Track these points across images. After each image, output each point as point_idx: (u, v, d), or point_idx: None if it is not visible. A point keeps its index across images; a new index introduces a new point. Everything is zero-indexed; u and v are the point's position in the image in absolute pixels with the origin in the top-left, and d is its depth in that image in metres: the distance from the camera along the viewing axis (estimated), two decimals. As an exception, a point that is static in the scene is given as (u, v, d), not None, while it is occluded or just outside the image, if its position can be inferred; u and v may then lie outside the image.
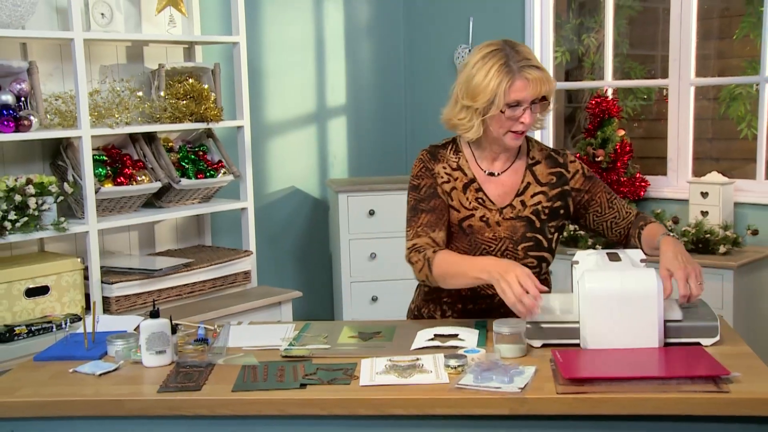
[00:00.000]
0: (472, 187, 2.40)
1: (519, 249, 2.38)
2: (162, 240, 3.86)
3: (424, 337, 2.22)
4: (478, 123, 2.30)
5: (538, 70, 2.26)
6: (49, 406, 1.94)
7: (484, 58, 2.28)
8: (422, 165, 2.43)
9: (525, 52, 2.29)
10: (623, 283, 2.02)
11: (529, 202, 2.40)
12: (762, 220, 3.78)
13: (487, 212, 2.38)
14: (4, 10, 3.02)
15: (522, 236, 2.38)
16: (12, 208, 3.05)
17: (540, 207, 2.40)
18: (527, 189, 2.41)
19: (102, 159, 3.44)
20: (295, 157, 4.44)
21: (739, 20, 4.54)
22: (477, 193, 2.40)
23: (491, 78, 2.24)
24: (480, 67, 2.27)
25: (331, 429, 1.91)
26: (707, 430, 1.83)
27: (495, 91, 2.23)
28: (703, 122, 4.54)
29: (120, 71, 3.63)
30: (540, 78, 2.25)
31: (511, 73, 2.23)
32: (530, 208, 2.39)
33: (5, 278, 3.06)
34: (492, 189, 2.41)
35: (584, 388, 1.83)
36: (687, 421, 1.82)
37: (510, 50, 2.27)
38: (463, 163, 2.42)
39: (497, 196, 2.40)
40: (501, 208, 2.39)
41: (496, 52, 2.27)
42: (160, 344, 2.10)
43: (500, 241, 2.37)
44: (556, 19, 4.49)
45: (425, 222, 2.36)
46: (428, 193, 2.39)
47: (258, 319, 3.58)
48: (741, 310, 3.55)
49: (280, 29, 4.33)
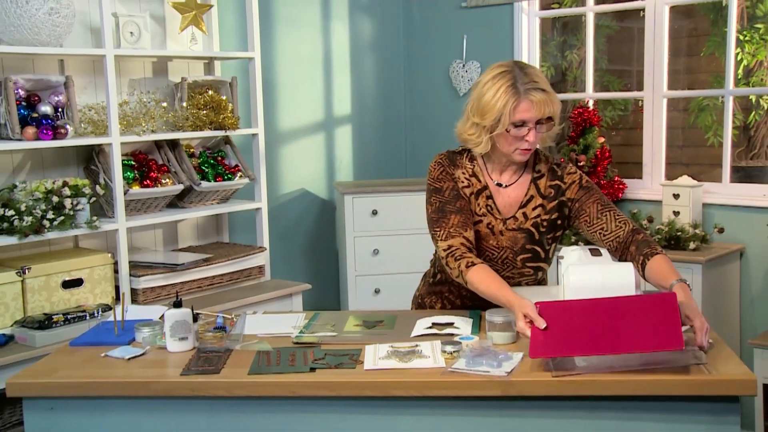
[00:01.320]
0: (483, 195, 2.34)
1: (518, 260, 2.33)
2: (184, 237, 3.86)
3: (423, 326, 2.21)
4: (486, 139, 2.25)
5: (543, 93, 2.18)
6: (83, 387, 1.95)
7: (494, 78, 2.21)
8: (442, 168, 2.36)
9: (533, 74, 2.21)
10: (604, 275, 2.02)
11: (531, 215, 2.34)
12: (727, 220, 3.78)
13: (494, 220, 2.33)
14: (45, 30, 3.02)
15: (522, 248, 2.33)
16: (50, 208, 3.05)
17: (539, 220, 2.33)
18: (530, 202, 2.35)
19: (130, 164, 3.44)
20: (304, 161, 4.44)
21: (705, 40, 4.55)
22: (488, 201, 2.34)
23: (498, 98, 2.18)
24: (490, 87, 2.21)
25: (338, 409, 1.91)
26: (681, 409, 1.83)
27: (501, 110, 2.17)
28: (674, 131, 4.52)
29: (146, 84, 3.63)
30: (544, 100, 2.18)
31: (517, 95, 2.17)
32: (531, 221, 2.33)
33: (44, 271, 3.06)
34: (500, 199, 2.35)
35: (569, 372, 1.83)
36: (663, 401, 1.82)
37: (519, 72, 2.20)
38: (477, 171, 2.36)
39: (503, 206, 2.34)
40: (505, 219, 2.33)
41: (506, 74, 2.20)
42: (182, 331, 2.10)
43: (502, 250, 2.33)
44: (541, 37, 4.49)
45: (456, 223, 2.27)
46: (453, 195, 2.32)
47: (271, 309, 3.58)
48: (709, 300, 3.54)
49: (291, 46, 4.32)
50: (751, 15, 4.37)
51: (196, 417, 1.94)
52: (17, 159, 3.26)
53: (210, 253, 3.62)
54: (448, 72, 4.70)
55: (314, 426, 1.92)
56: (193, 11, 3.61)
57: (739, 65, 4.26)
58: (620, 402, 1.83)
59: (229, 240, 4.01)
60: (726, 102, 3.87)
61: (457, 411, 1.88)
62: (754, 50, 4.37)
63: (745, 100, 4.50)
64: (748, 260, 3.75)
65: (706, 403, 1.81)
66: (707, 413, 1.81)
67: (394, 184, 4.24)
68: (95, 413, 1.96)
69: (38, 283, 3.04)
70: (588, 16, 4.28)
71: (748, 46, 4.36)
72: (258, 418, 1.93)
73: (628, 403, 1.83)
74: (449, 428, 1.89)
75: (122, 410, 1.96)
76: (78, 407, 1.97)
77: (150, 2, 3.63)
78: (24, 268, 2.99)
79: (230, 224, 4.04)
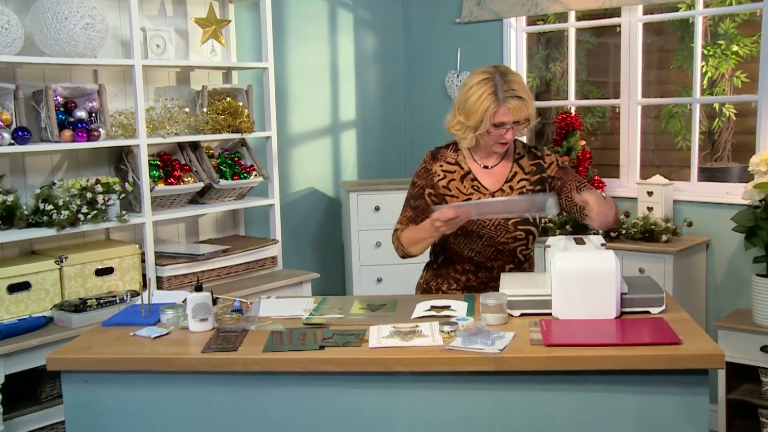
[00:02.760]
0: (468, 178, 2.42)
1: (509, 224, 2.39)
2: (204, 230, 3.84)
3: (422, 308, 2.20)
4: (471, 136, 2.34)
5: (520, 100, 2.26)
6: (114, 362, 1.95)
7: (479, 84, 2.28)
8: (423, 165, 2.47)
9: (512, 81, 2.28)
10: (587, 262, 2.01)
11: (516, 186, 2.42)
12: (695, 214, 3.77)
13: (482, 196, 2.40)
14: (81, 43, 3.01)
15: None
16: (84, 204, 3.04)
17: (525, 189, 2.42)
18: (514, 177, 2.43)
19: (156, 163, 3.42)
20: (313, 162, 4.42)
21: (674, 54, 4.56)
22: (472, 182, 2.42)
23: (482, 103, 2.26)
24: (474, 91, 2.28)
25: (345, 383, 1.90)
26: (658, 382, 1.81)
27: (483, 114, 2.26)
28: (647, 135, 4.51)
29: (171, 91, 3.61)
30: (520, 106, 2.26)
31: (497, 101, 2.25)
32: (517, 191, 2.42)
33: (79, 260, 3.05)
34: (486, 178, 2.43)
35: (556, 349, 1.81)
36: (641, 375, 1.81)
37: (499, 79, 2.27)
38: (460, 159, 2.44)
39: (490, 183, 2.43)
40: (493, 192, 2.41)
41: (488, 80, 2.28)
42: (203, 313, 2.09)
43: (494, 219, 2.38)
44: (528, 51, 4.47)
45: (409, 216, 2.43)
46: (418, 193, 2.44)
47: (283, 294, 3.56)
48: (679, 286, 3.53)
49: (301, 57, 4.30)
50: (713, 32, 4.41)
51: (215, 390, 1.93)
52: (56, 159, 3.25)
53: (228, 245, 3.60)
54: (443, 81, 4.68)
55: (323, 398, 1.91)
56: (213, 26, 3.60)
57: (704, 77, 4.25)
58: (602, 376, 1.82)
59: (245, 233, 3.99)
60: (693, 109, 3.86)
61: (454, 385, 1.87)
62: (716, 63, 4.40)
63: (710, 108, 4.51)
64: (713, 251, 3.74)
65: (679, 376, 1.80)
66: (681, 385, 1.80)
67: (395, 183, 4.22)
68: (124, 386, 1.96)
69: (74, 271, 3.03)
70: (570, 32, 4.26)
71: (712, 59, 4.39)
72: (271, 391, 1.92)
73: (609, 377, 1.82)
74: (447, 400, 1.87)
75: (148, 383, 1.95)
76: (109, 380, 1.96)
77: (174, 18, 3.62)
78: (62, 257, 2.99)
79: (246, 219, 4.02)
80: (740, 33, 4.36)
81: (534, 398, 1.84)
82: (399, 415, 1.88)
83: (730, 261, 3.70)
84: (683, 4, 4.02)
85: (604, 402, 1.82)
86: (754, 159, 3.35)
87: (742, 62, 4.37)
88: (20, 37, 2.89)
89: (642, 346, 1.81)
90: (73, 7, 2.96)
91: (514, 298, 2.08)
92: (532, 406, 1.84)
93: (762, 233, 3.25)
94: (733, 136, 4.57)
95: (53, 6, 2.95)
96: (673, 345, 1.81)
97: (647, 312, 2.06)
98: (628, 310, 2.05)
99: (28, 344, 2.71)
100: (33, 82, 3.14)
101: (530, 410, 1.84)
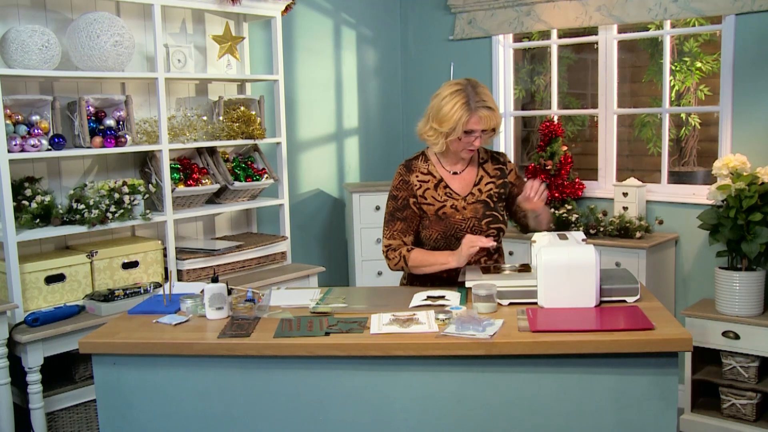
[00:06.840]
0: (441, 185, 2.39)
1: (483, 224, 2.37)
2: (220, 228, 3.82)
3: (419, 298, 2.18)
4: (442, 142, 2.30)
5: (490, 110, 2.24)
6: (139, 347, 1.93)
7: (452, 94, 2.25)
8: (400, 178, 2.40)
9: (482, 93, 2.26)
10: (570, 256, 1.99)
11: (485, 189, 2.40)
12: (666, 213, 3.76)
13: (455, 201, 2.37)
14: (110, 58, 3.01)
15: (483, 214, 2.37)
16: (112, 203, 3.03)
17: (492, 192, 2.41)
18: (481, 180, 2.41)
19: (176, 167, 3.41)
20: (319, 165, 4.40)
21: (645, 69, 4.56)
22: (445, 189, 2.38)
23: (455, 112, 2.23)
24: (448, 101, 2.25)
25: (349, 366, 1.89)
26: (632, 364, 1.81)
27: (456, 122, 2.23)
28: (622, 142, 4.50)
29: (190, 102, 3.59)
30: (490, 116, 2.24)
31: (469, 111, 2.22)
32: (485, 194, 2.40)
33: (108, 255, 3.04)
34: (456, 184, 2.40)
35: (542, 335, 1.79)
36: (618, 357, 1.80)
37: (471, 91, 2.25)
38: (431, 168, 2.41)
39: (460, 188, 2.40)
40: (464, 197, 2.38)
41: (461, 92, 2.25)
42: (219, 302, 2.07)
43: (468, 221, 2.36)
44: (514, 65, 4.46)
45: (399, 228, 2.36)
46: (403, 204, 2.37)
47: (292, 286, 3.54)
48: (652, 278, 3.52)
49: (309, 71, 4.28)
50: (680, 50, 4.43)
51: (230, 372, 1.92)
52: (87, 163, 3.23)
53: (241, 241, 3.59)
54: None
55: (328, 380, 1.89)
56: (229, 42, 3.59)
57: (672, 90, 4.25)
58: (583, 359, 1.81)
59: (257, 230, 3.98)
60: (663, 119, 3.86)
61: (448, 368, 1.85)
62: (683, 78, 4.42)
63: (678, 118, 4.52)
64: (681, 246, 3.73)
65: (652, 358, 1.79)
66: (653, 366, 1.79)
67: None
68: (148, 368, 1.95)
69: (103, 264, 3.02)
70: (552, 48, 4.25)
71: (679, 74, 4.41)
72: (281, 373, 1.91)
73: (589, 360, 1.81)
74: (441, 382, 1.86)
75: (170, 366, 1.94)
76: (134, 363, 1.95)
77: (194, 35, 3.60)
78: (92, 252, 2.98)
79: (258, 217, 4.00)
80: (703, 51, 4.38)
81: (521, 379, 1.83)
82: (398, 395, 1.87)
83: (697, 255, 3.68)
84: (653, 24, 4.02)
85: (585, 382, 1.81)
86: (716, 163, 3.36)
87: (705, 77, 4.39)
88: (57, 54, 2.89)
89: (619, 332, 1.80)
90: (104, 26, 2.97)
91: (504, 288, 2.06)
92: (519, 387, 1.83)
93: (724, 230, 3.24)
94: (698, 143, 4.57)
95: (87, 26, 2.96)
96: (647, 330, 1.79)
97: (623, 301, 2.05)
98: (606, 299, 2.04)
99: (63, 330, 2.71)
100: (68, 93, 3.13)
101: (518, 390, 1.83)
